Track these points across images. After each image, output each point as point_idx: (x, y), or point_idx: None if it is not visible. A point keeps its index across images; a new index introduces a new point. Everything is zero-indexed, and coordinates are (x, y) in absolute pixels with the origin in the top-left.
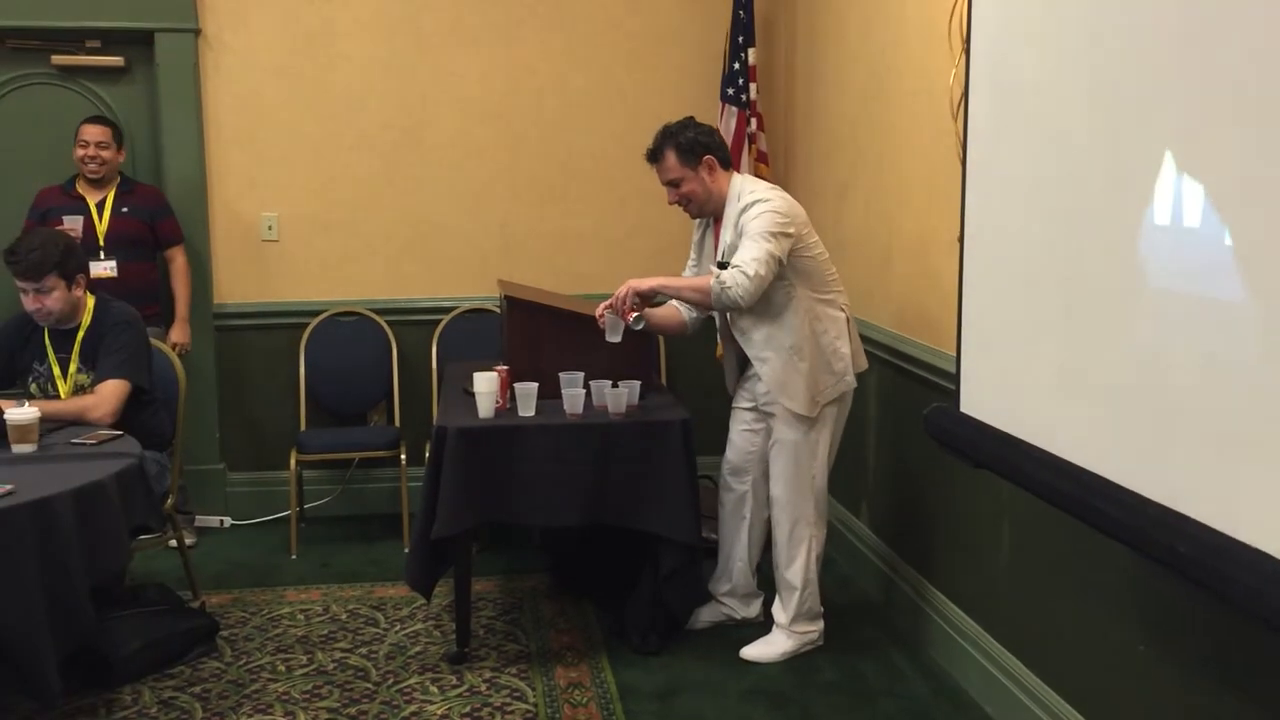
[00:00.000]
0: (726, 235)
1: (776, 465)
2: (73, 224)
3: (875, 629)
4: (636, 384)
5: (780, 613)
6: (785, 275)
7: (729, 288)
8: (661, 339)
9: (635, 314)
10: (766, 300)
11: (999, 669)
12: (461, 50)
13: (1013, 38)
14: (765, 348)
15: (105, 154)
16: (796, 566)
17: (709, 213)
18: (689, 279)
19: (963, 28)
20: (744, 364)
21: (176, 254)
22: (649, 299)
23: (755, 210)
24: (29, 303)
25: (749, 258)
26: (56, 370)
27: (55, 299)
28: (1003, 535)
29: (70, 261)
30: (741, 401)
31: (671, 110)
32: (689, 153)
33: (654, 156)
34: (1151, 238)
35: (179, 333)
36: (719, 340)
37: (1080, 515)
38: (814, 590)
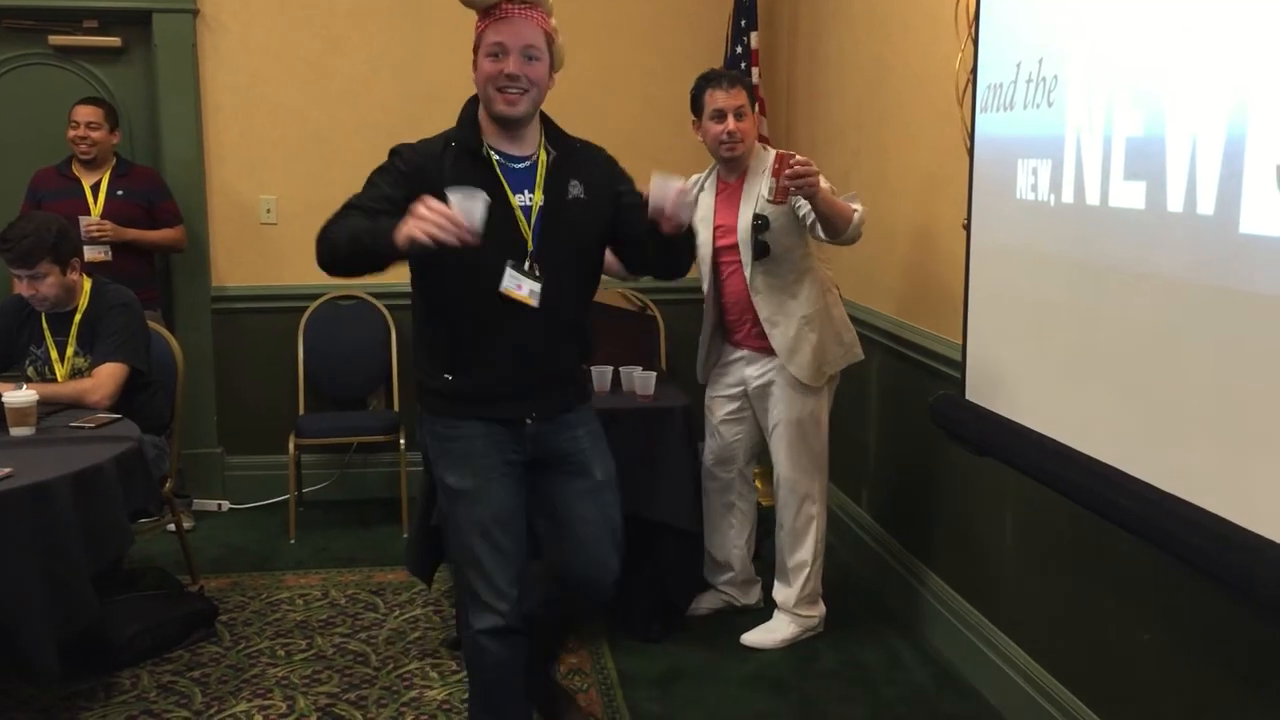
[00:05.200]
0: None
1: (781, 446)
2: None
3: (876, 616)
4: (652, 375)
5: (785, 594)
6: (809, 243)
7: (862, 225)
8: (662, 327)
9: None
10: (789, 265)
11: (1000, 656)
12: (463, 31)
13: (1020, 21)
14: (778, 312)
15: (95, 134)
16: (806, 546)
17: (736, 161)
18: (840, 202)
19: (969, 11)
20: (719, 348)
21: (175, 231)
22: (799, 193)
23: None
24: (23, 289)
25: (856, 202)
26: (54, 353)
27: (49, 285)
28: (1005, 523)
29: (64, 246)
30: (721, 389)
31: (673, 94)
32: (753, 100)
33: (731, 82)
34: (1164, 223)
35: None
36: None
37: (1090, 505)
38: (819, 569)
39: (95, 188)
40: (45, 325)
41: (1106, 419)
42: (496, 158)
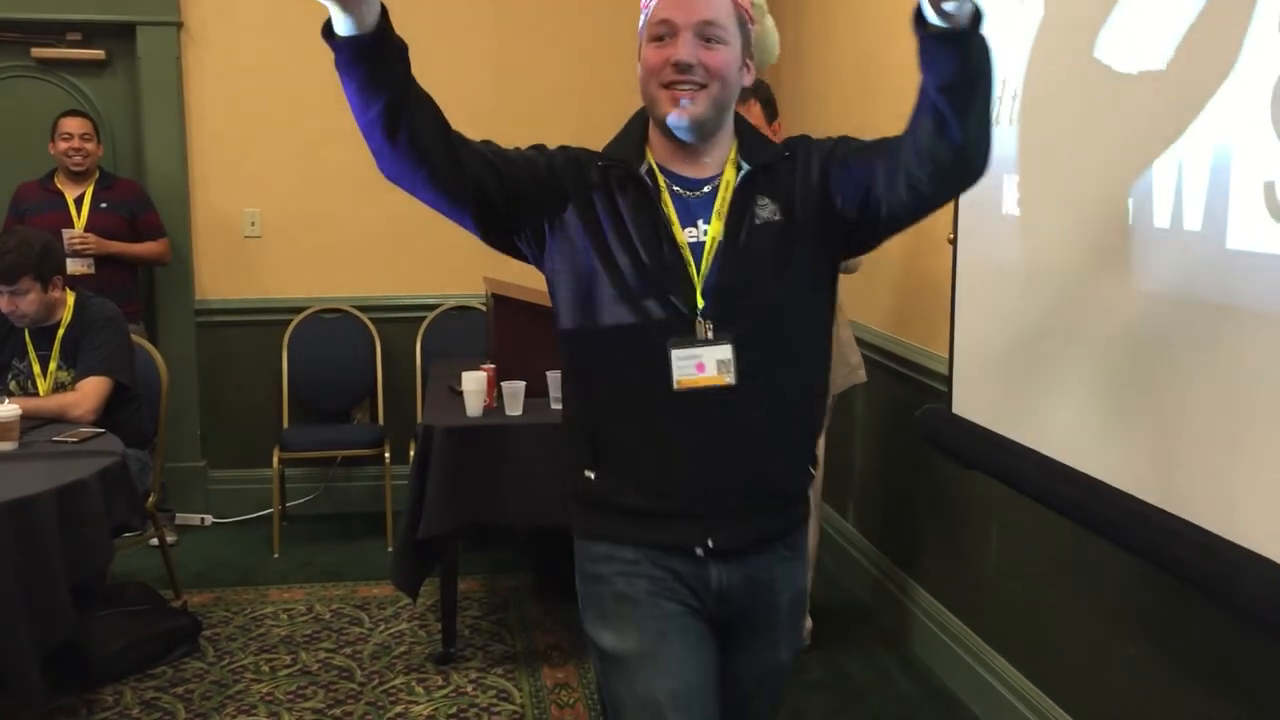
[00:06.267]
0: None
1: None
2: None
3: (863, 630)
4: None
5: None
6: None
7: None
8: None
9: None
10: None
11: (987, 670)
12: (448, 45)
13: (1006, 35)
14: None
15: (89, 146)
16: None
17: None
18: None
19: None
20: None
21: (158, 244)
22: None
23: None
24: (3, 304)
25: None
26: (36, 368)
27: (30, 301)
28: (990, 536)
29: (47, 263)
30: None
31: None
32: (773, 111)
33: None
34: (1149, 238)
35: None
36: None
37: (1078, 518)
38: (809, 584)
39: (79, 200)
40: (28, 339)
41: (1093, 433)
42: (666, 181)
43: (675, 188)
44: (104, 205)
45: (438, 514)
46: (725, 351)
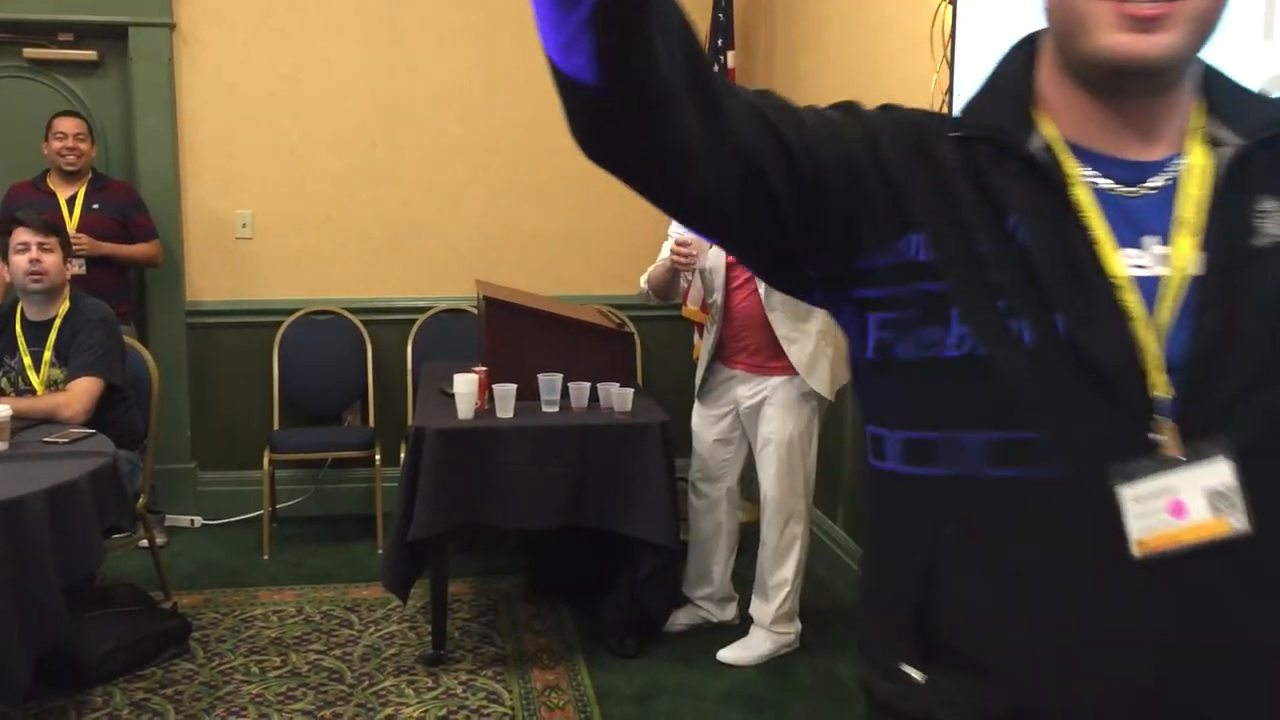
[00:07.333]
0: None
1: (771, 465)
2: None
3: (852, 633)
4: (630, 392)
5: (763, 611)
6: None
7: None
8: (639, 344)
9: None
10: None
11: None
12: (439, 49)
13: (996, 42)
14: (795, 329)
15: (83, 146)
16: (789, 564)
17: None
18: None
19: (944, 33)
20: (713, 367)
21: (150, 246)
22: None
23: None
24: (30, 256)
25: None
26: (28, 362)
27: (53, 261)
28: None
29: (65, 234)
30: (715, 407)
31: None
32: None
33: None
34: None
35: (85, 238)
36: (698, 339)
37: None
38: (798, 587)
39: (71, 201)
40: (20, 335)
41: None
42: (1081, 167)
43: (1099, 178)
44: (96, 206)
45: (429, 516)
46: (1221, 473)
